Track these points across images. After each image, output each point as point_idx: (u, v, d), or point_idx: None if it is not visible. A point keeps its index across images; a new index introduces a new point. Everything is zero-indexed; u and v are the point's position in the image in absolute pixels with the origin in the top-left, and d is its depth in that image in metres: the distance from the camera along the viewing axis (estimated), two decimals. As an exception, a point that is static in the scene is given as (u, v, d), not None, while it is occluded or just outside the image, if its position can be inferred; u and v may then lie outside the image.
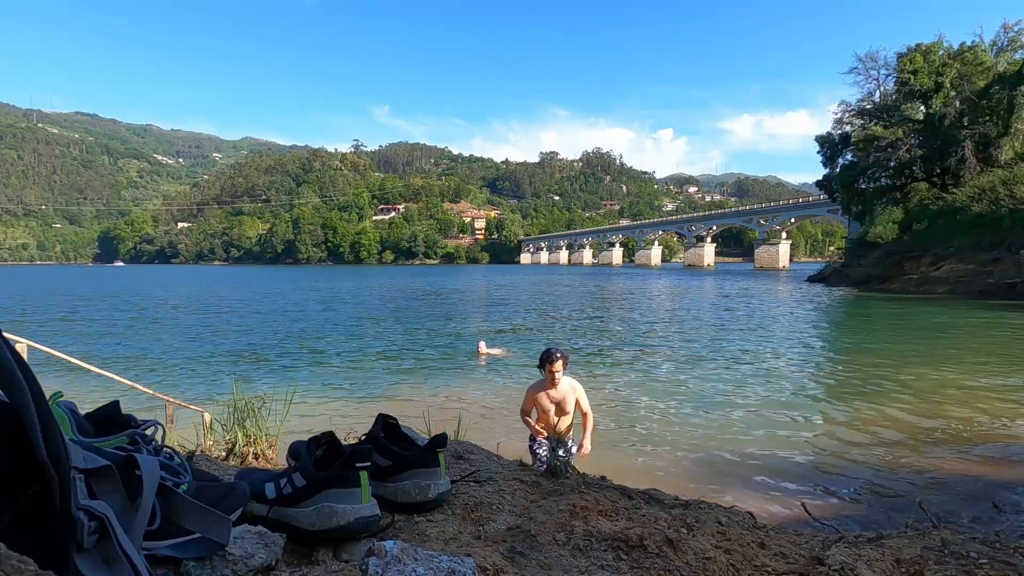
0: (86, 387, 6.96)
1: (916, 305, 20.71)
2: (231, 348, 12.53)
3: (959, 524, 3.25)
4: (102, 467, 0.63)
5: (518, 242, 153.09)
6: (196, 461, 1.58)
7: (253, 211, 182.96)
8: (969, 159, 30.49)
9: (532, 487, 1.44)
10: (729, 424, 6.29)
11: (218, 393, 7.46)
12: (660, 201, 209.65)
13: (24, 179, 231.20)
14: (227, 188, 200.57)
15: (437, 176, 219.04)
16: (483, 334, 14.03)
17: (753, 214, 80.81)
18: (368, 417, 1.39)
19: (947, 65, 31.57)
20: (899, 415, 6.47)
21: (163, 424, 1.04)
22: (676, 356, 10.94)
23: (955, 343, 12.12)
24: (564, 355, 3.81)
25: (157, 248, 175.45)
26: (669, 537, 1.09)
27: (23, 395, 0.51)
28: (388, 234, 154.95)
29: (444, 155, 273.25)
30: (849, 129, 36.21)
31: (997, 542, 1.02)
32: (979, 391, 7.56)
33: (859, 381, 8.54)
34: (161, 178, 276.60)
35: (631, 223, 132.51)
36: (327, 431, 1.11)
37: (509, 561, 0.98)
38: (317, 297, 29.55)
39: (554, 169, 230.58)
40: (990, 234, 24.97)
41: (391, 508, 1.15)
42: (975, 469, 4.72)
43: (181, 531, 0.76)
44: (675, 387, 8.29)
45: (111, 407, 0.99)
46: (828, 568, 0.96)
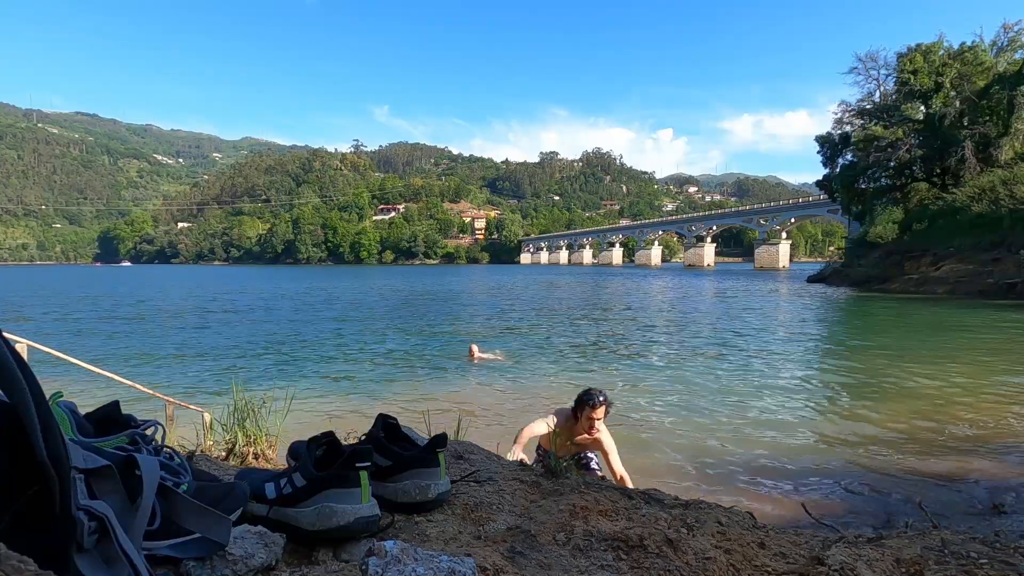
0: (86, 387, 6.95)
1: (916, 305, 20.72)
2: (231, 348, 12.53)
3: (959, 524, 3.25)
4: (102, 467, 0.63)
5: (518, 242, 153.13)
6: (196, 461, 1.58)
7: (253, 211, 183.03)
8: (969, 159, 30.49)
9: (532, 487, 1.44)
10: (729, 424, 6.29)
11: (218, 393, 7.46)
12: (660, 201, 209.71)
13: (24, 179, 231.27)
14: (227, 188, 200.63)
15: (437, 176, 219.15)
16: (481, 335, 14.04)
17: (753, 214, 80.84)
18: (368, 417, 1.39)
19: (947, 65, 31.58)
20: (899, 415, 6.46)
21: (163, 424, 1.04)
22: (676, 355, 10.94)
23: (955, 343, 12.11)
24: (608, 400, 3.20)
25: (157, 248, 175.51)
26: (669, 537, 1.09)
27: (23, 395, 0.51)
28: (388, 234, 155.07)
29: (444, 155, 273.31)
30: (849, 129, 36.22)
31: (997, 542, 1.02)
32: (979, 391, 7.56)
33: (859, 381, 8.54)
34: (161, 178, 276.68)
35: (631, 223, 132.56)
36: (327, 431, 1.11)
37: (509, 561, 0.98)
38: (317, 297, 29.56)
39: (554, 169, 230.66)
40: (990, 234, 24.97)
41: (391, 508, 1.15)
42: (975, 469, 4.72)
43: (181, 531, 0.76)
44: (675, 386, 8.29)
45: (111, 407, 0.99)
46: (828, 568, 0.96)
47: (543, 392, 8.04)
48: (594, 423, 3.16)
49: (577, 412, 3.22)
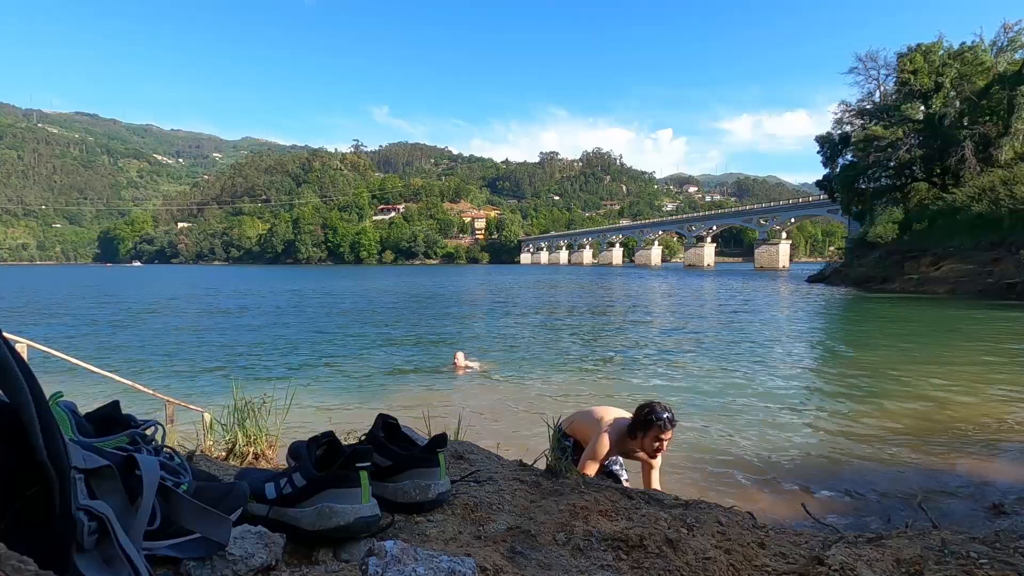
0: (86, 387, 6.95)
1: (916, 305, 20.72)
2: (231, 348, 12.53)
3: (959, 524, 3.25)
4: (102, 467, 0.63)
5: (518, 242, 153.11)
6: (196, 461, 1.58)
7: (253, 211, 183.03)
8: (969, 159, 30.49)
9: (532, 487, 1.44)
10: (729, 424, 6.29)
11: (218, 393, 7.46)
12: (660, 201, 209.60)
13: (24, 179, 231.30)
14: (227, 188, 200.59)
15: (437, 176, 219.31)
16: (476, 338, 14.03)
17: (753, 214, 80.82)
18: (368, 417, 1.39)
19: (947, 65, 31.58)
20: (899, 415, 6.47)
21: (163, 424, 1.04)
22: (675, 355, 10.94)
23: (955, 343, 12.11)
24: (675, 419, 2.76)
25: (157, 248, 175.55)
26: (669, 537, 1.09)
27: (23, 395, 0.51)
28: (388, 234, 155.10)
29: (444, 155, 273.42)
30: (849, 129, 36.22)
31: (997, 542, 1.02)
32: (979, 391, 7.56)
33: (859, 381, 8.54)
34: (161, 178, 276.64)
35: (631, 223, 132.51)
36: (327, 431, 1.11)
37: (509, 561, 0.98)
38: (317, 297, 29.55)
39: (554, 169, 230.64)
40: (990, 234, 24.97)
41: (391, 508, 1.15)
42: (975, 469, 4.72)
43: (181, 531, 0.76)
44: (674, 386, 8.29)
45: (111, 407, 0.99)
46: (828, 568, 0.96)
47: (545, 393, 8.04)
48: (663, 445, 2.74)
49: (637, 431, 2.76)
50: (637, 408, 2.82)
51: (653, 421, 2.69)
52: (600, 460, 2.83)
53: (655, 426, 2.69)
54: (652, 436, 2.72)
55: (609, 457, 2.90)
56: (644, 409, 2.75)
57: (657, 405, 2.75)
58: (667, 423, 2.69)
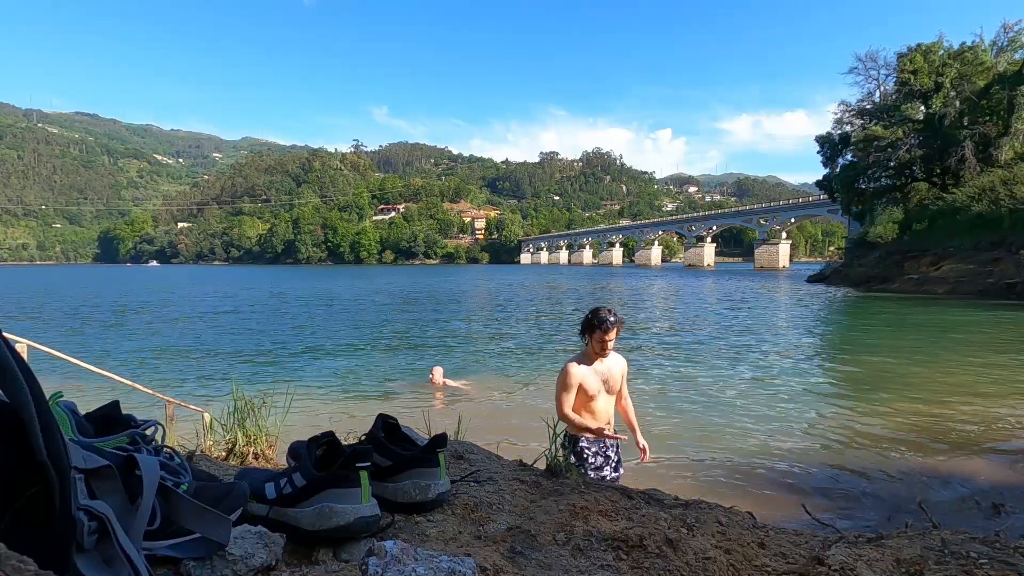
0: (86, 387, 6.95)
1: (916, 305, 20.72)
2: (231, 348, 12.53)
3: (959, 524, 3.25)
4: (102, 467, 0.63)
5: (518, 242, 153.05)
6: (196, 461, 1.58)
7: (253, 211, 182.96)
8: (969, 159, 30.50)
9: (532, 487, 1.44)
10: (729, 424, 6.29)
11: (218, 393, 7.46)
12: (660, 201, 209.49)
13: (24, 179, 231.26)
14: (227, 188, 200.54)
15: (437, 176, 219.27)
16: (477, 338, 14.01)
17: (753, 214, 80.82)
18: (368, 417, 1.39)
19: (947, 65, 31.60)
20: (899, 415, 6.47)
21: (163, 424, 1.04)
22: (675, 355, 10.94)
23: (955, 343, 12.12)
24: (620, 319, 3.05)
25: (157, 248, 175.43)
26: (669, 537, 1.09)
27: (23, 395, 0.51)
28: (388, 234, 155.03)
29: (444, 155, 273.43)
30: (849, 129, 36.25)
31: (997, 542, 1.02)
32: (979, 391, 7.56)
33: (859, 381, 8.54)
34: (161, 178, 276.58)
35: (631, 223, 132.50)
36: (327, 431, 1.11)
37: (509, 561, 0.98)
38: (318, 298, 29.55)
39: (554, 169, 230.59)
40: (990, 234, 24.99)
41: (391, 508, 1.15)
42: (975, 469, 4.72)
43: (181, 531, 0.76)
44: (674, 386, 8.29)
45: (111, 407, 0.99)
46: (828, 568, 0.96)
47: (540, 397, 8.04)
48: (606, 345, 3.03)
49: (585, 333, 3.08)
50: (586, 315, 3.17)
51: (597, 325, 3.02)
52: (571, 388, 3.08)
53: (598, 329, 3.01)
54: (597, 337, 3.03)
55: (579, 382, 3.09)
56: (589, 314, 3.09)
57: (602, 310, 3.06)
58: (608, 324, 2.99)
